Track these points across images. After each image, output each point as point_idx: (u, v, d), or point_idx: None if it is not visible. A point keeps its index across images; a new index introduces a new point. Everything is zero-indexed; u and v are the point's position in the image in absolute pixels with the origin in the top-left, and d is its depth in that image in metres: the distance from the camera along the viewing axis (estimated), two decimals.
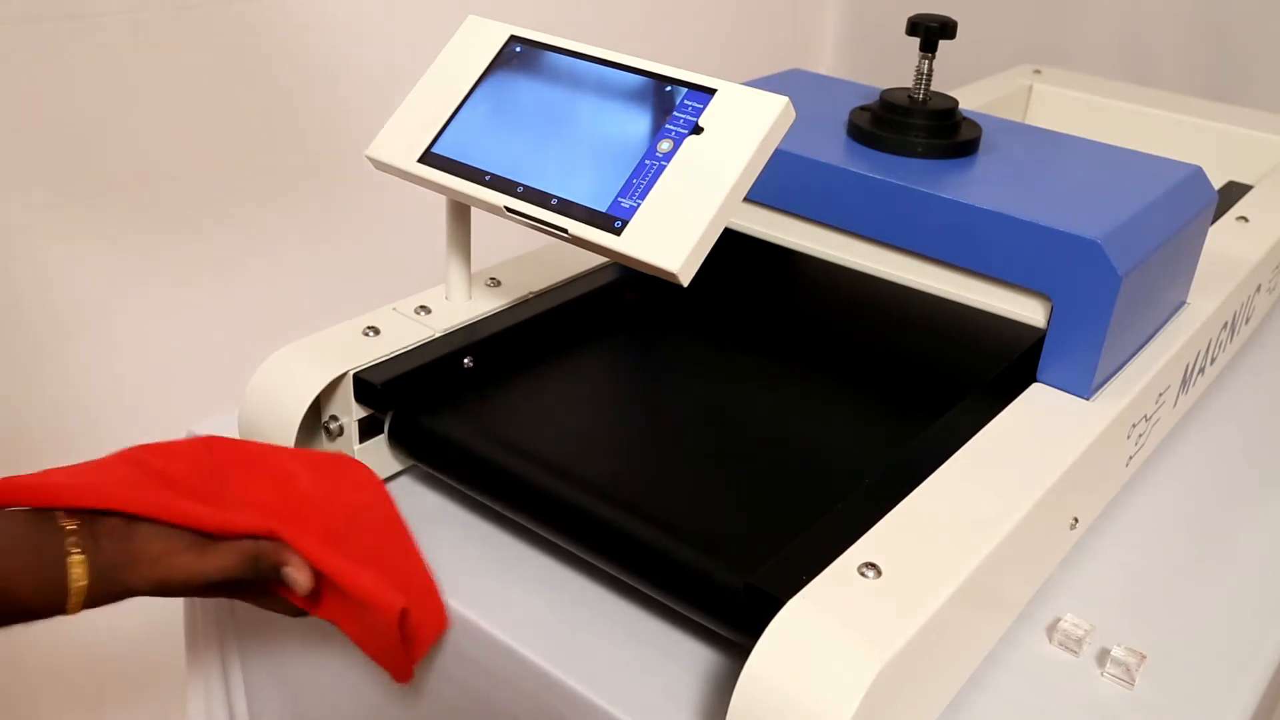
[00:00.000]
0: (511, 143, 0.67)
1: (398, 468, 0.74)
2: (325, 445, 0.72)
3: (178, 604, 0.84)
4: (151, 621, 1.14)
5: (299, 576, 0.57)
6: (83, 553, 0.51)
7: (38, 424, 1.11)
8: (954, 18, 0.78)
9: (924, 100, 0.80)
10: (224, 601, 0.80)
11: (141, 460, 0.59)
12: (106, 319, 1.13)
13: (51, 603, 0.51)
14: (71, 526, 0.52)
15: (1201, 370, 0.85)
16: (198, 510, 0.56)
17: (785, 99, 0.60)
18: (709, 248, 0.59)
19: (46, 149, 1.04)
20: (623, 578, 0.63)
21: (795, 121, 0.61)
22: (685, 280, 0.59)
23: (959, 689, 0.60)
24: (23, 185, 1.04)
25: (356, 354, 0.70)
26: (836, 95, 0.89)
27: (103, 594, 0.53)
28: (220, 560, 0.55)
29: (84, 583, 0.51)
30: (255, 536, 0.57)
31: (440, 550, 0.67)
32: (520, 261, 0.84)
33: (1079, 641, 0.63)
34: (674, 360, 0.79)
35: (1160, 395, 0.77)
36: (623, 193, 0.61)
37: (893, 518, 0.57)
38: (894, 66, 1.34)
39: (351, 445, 0.71)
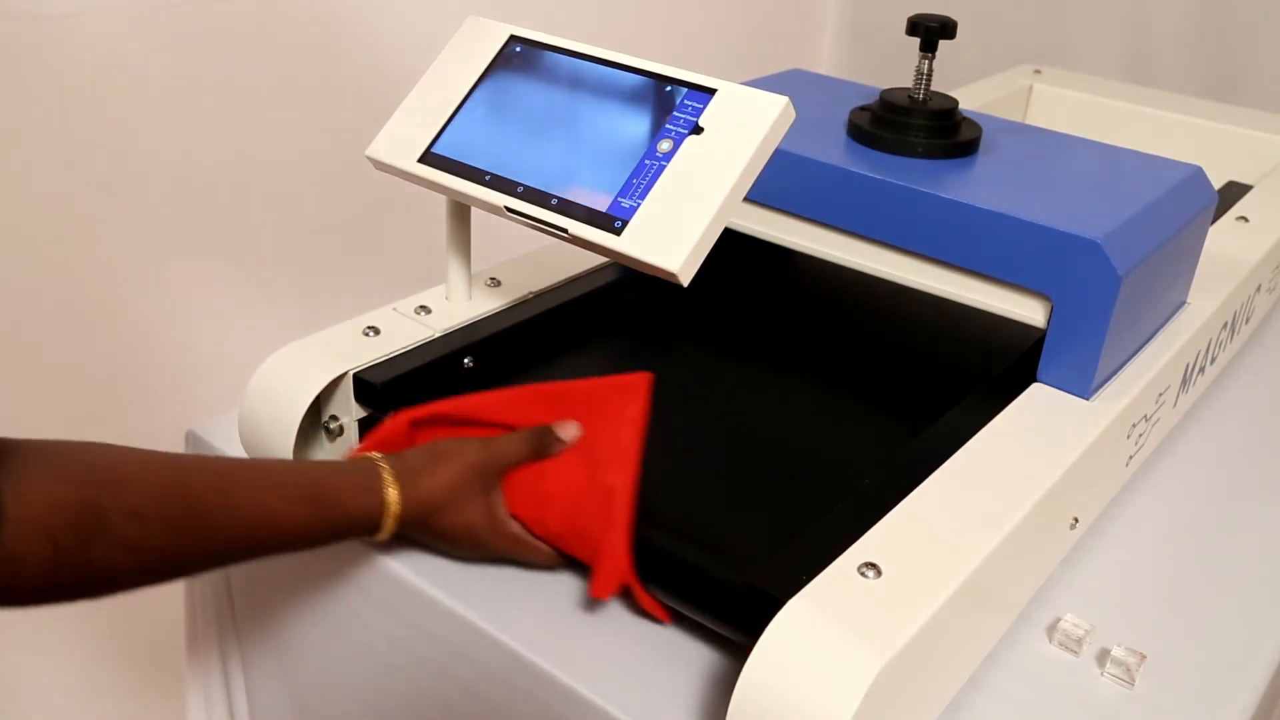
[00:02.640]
0: (511, 143, 0.67)
1: None
2: (325, 445, 0.72)
3: (179, 597, 0.84)
4: (152, 616, 1.14)
5: (569, 427, 0.65)
6: (391, 469, 0.60)
7: (33, 424, 1.11)
8: (954, 18, 0.78)
9: (924, 100, 0.80)
10: (224, 594, 0.80)
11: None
12: (102, 318, 1.13)
13: (375, 515, 0.60)
14: (377, 455, 0.62)
15: (1201, 370, 0.85)
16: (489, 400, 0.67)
17: (785, 99, 0.60)
18: (709, 248, 0.59)
19: (43, 148, 1.04)
20: None
21: (795, 121, 0.61)
22: (685, 280, 0.59)
23: (959, 689, 0.60)
24: (21, 184, 1.04)
25: (356, 354, 0.70)
26: (836, 95, 0.89)
27: (413, 507, 0.60)
28: (506, 445, 0.64)
29: (395, 490, 0.60)
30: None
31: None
32: (520, 261, 0.84)
33: (1079, 641, 0.63)
34: (674, 360, 0.79)
35: (1160, 395, 0.77)
36: (623, 193, 0.61)
37: (893, 518, 0.57)
38: (894, 66, 1.34)
39: (351, 445, 0.71)
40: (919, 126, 0.78)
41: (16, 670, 1.15)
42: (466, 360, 0.73)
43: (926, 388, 0.76)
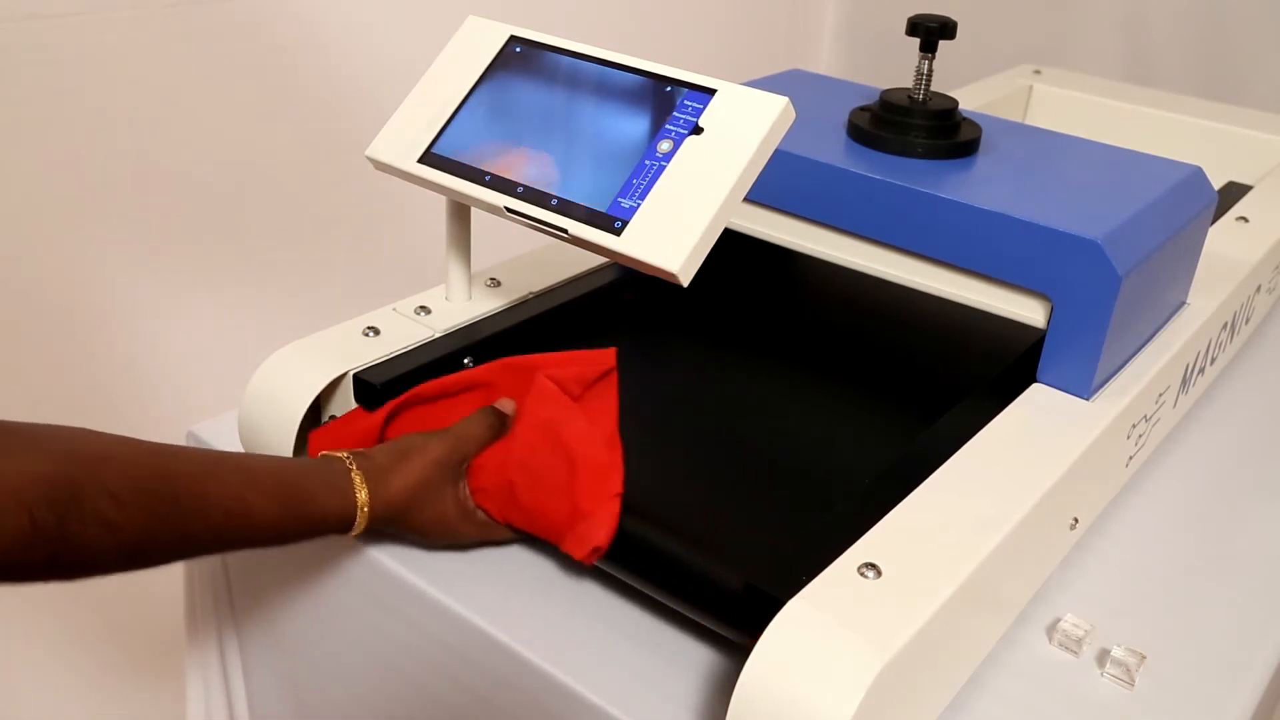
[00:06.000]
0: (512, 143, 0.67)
1: None
2: None
3: (178, 590, 0.84)
4: (151, 609, 1.14)
5: (505, 402, 0.68)
6: (361, 470, 0.61)
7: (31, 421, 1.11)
8: (954, 18, 0.78)
9: (924, 100, 0.80)
10: (223, 589, 0.80)
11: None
12: (102, 318, 1.13)
13: (347, 515, 0.61)
14: (345, 453, 0.62)
15: (1201, 370, 0.85)
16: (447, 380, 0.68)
17: (785, 99, 0.60)
18: (709, 248, 0.59)
19: (41, 148, 1.04)
20: (623, 578, 0.63)
21: (795, 121, 0.61)
22: (685, 281, 0.59)
23: (959, 689, 0.60)
24: (19, 183, 1.04)
25: (356, 354, 0.70)
26: (836, 95, 0.89)
27: (384, 506, 0.61)
28: (469, 430, 0.65)
29: (366, 492, 0.61)
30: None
31: (439, 551, 0.67)
32: (520, 261, 0.84)
33: (1079, 641, 0.63)
34: (674, 361, 0.79)
35: (1160, 395, 0.77)
36: (623, 193, 0.61)
37: (893, 518, 0.57)
38: (894, 66, 1.34)
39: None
40: (919, 127, 0.78)
41: (15, 666, 1.15)
42: (466, 360, 0.73)
43: (926, 388, 0.76)
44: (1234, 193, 1.06)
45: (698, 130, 0.61)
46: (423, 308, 0.76)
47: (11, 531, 0.47)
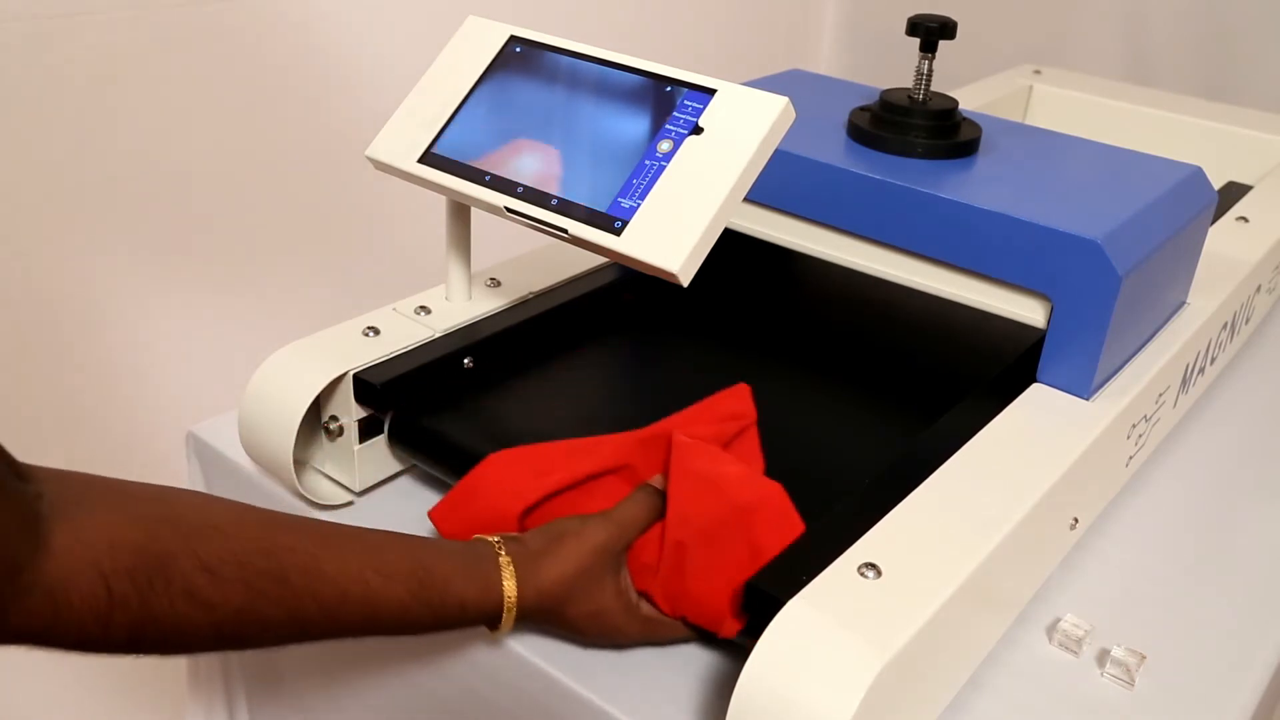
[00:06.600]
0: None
1: (398, 468, 0.74)
2: (325, 445, 0.72)
3: None
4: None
5: (655, 478, 0.61)
6: (509, 555, 0.55)
7: (33, 424, 1.11)
8: (954, 18, 0.78)
9: (924, 100, 0.80)
10: None
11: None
12: (102, 318, 1.13)
13: (491, 607, 0.55)
14: (496, 538, 0.57)
15: (1201, 370, 0.85)
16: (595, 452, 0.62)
17: (785, 99, 0.60)
18: (709, 248, 0.59)
19: (41, 148, 1.04)
20: None
21: (795, 121, 0.61)
22: (685, 280, 0.59)
23: (959, 689, 0.60)
24: (20, 184, 1.04)
25: (356, 354, 0.70)
26: (836, 95, 0.89)
27: (535, 598, 0.55)
28: (629, 513, 0.58)
29: (514, 582, 0.55)
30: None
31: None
32: (520, 261, 0.84)
33: (1079, 641, 0.63)
34: (673, 360, 0.79)
35: (1160, 395, 0.77)
36: (622, 193, 0.61)
37: (893, 518, 0.57)
38: (894, 66, 1.34)
39: (351, 445, 0.71)
40: (919, 127, 0.78)
41: (14, 683, 1.15)
42: (466, 360, 0.73)
43: (926, 388, 0.76)
44: (1234, 193, 1.06)
45: (698, 130, 0.61)
46: (423, 308, 0.76)
47: (86, 603, 0.42)
